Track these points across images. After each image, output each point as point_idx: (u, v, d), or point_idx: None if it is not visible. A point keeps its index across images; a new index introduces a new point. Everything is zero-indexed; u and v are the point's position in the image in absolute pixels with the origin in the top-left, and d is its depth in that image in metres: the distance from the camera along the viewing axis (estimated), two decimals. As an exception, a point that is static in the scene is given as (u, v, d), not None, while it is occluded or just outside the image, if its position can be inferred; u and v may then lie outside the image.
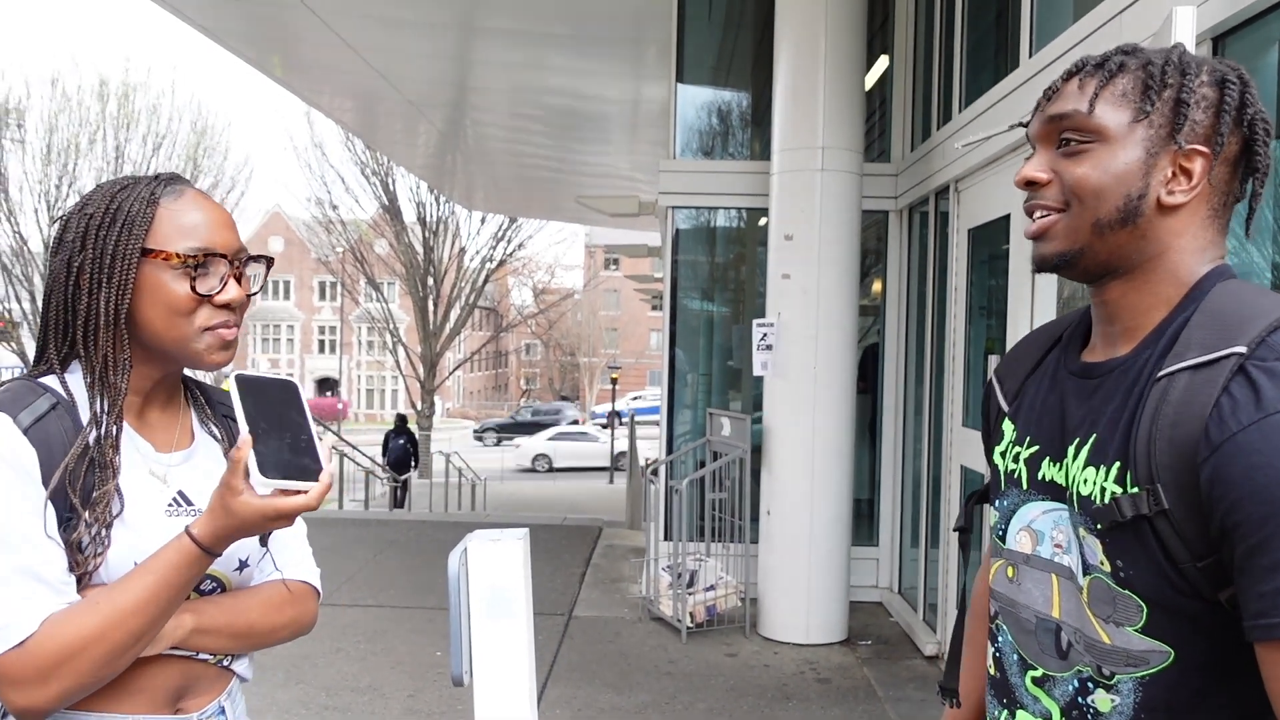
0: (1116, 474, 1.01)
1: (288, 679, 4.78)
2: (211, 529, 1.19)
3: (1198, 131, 1.04)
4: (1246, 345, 0.95)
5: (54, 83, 23.18)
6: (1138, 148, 1.05)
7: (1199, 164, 1.04)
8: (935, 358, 5.70)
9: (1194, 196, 1.05)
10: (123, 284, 1.25)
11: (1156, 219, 1.06)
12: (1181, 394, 0.97)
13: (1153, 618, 1.00)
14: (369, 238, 26.56)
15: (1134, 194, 1.05)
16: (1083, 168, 1.07)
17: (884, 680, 4.99)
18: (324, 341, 50.97)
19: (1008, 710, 1.18)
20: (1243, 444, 0.90)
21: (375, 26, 8.33)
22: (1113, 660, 1.03)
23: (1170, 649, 0.99)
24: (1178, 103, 1.04)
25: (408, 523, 9.68)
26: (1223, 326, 0.98)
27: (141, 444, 1.32)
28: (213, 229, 1.30)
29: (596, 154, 13.22)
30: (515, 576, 1.70)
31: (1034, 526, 1.14)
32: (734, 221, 7.31)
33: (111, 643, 1.16)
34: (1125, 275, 1.09)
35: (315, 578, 1.53)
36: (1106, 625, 1.03)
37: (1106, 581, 1.03)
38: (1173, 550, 0.97)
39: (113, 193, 1.29)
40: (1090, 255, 1.08)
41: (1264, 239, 2.87)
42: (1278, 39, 2.75)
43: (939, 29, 5.82)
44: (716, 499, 6.07)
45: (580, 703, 4.62)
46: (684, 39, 7.04)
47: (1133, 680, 1.02)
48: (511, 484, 23.28)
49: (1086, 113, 1.06)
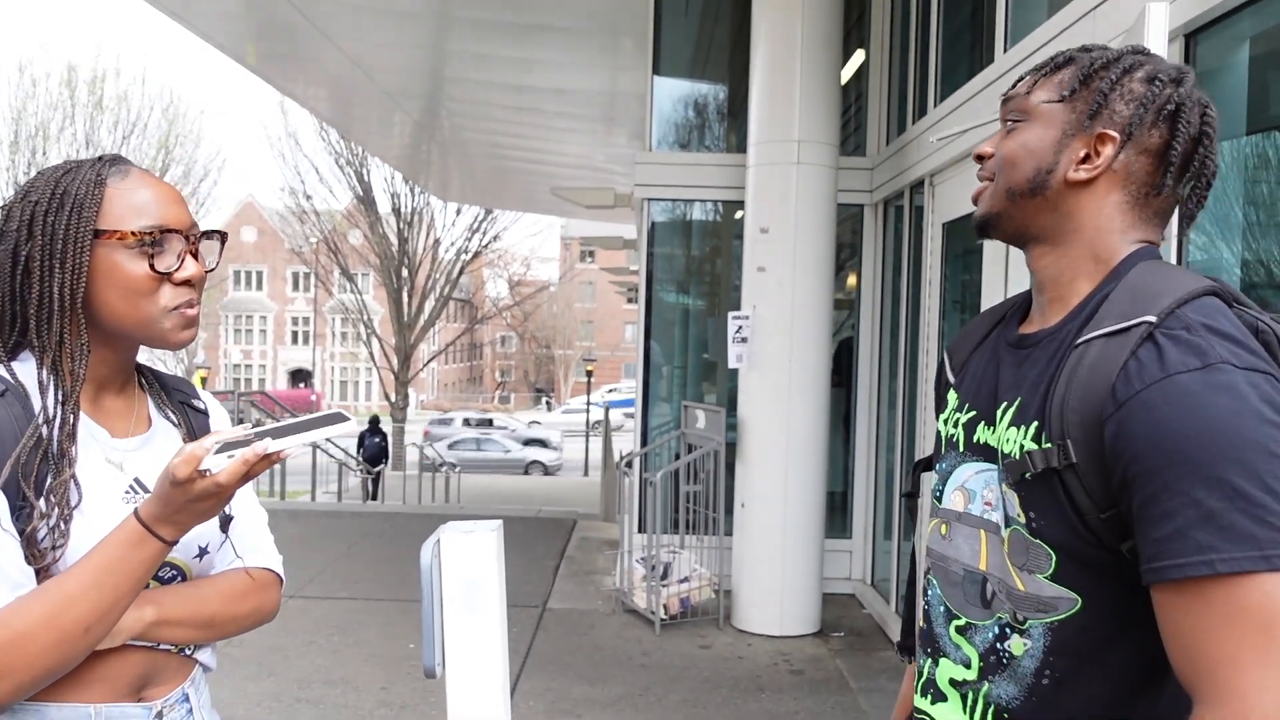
0: (1034, 433, 1.08)
1: (259, 672, 4.75)
2: (156, 508, 1.16)
3: (1115, 120, 1.12)
4: (1156, 315, 1.02)
5: (21, 69, 22.88)
6: (1055, 127, 1.15)
7: (1108, 147, 1.12)
8: (909, 351, 5.73)
9: (1098, 175, 1.13)
10: (76, 268, 1.22)
11: (1067, 193, 1.15)
12: (1094, 358, 1.04)
13: (1061, 566, 1.07)
14: (343, 228, 26.41)
15: (1044, 167, 1.15)
16: (1010, 141, 1.19)
17: (856, 671, 5.02)
18: (297, 333, 50.63)
19: (932, 659, 1.25)
20: (1144, 401, 0.97)
21: (351, 15, 8.26)
22: (1026, 606, 1.10)
23: (1078, 596, 1.06)
24: (1099, 91, 1.13)
25: (381, 515, 9.64)
26: (1137, 299, 1.06)
27: (97, 430, 1.30)
28: (164, 205, 1.28)
29: (573, 145, 13.18)
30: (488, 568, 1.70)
31: (967, 486, 1.21)
32: (710, 214, 7.31)
33: (60, 630, 1.13)
34: (1047, 243, 1.18)
35: (278, 564, 1.50)
36: (1022, 573, 1.10)
37: (1022, 532, 1.10)
38: (1079, 502, 1.04)
39: (56, 178, 1.26)
40: (1007, 219, 1.20)
41: (1234, 235, 2.90)
42: (1248, 36, 2.78)
43: (915, 24, 5.84)
44: (691, 491, 6.08)
45: (554, 695, 4.61)
46: (661, 31, 7.02)
47: (1043, 625, 1.09)
48: (486, 476, 23.23)
49: (1025, 94, 1.19)
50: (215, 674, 1.49)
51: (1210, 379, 0.95)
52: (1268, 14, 2.66)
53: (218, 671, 1.49)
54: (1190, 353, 0.98)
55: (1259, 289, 2.82)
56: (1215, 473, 0.92)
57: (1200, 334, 0.99)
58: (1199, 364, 0.96)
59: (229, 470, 1.13)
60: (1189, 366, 0.97)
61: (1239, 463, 0.92)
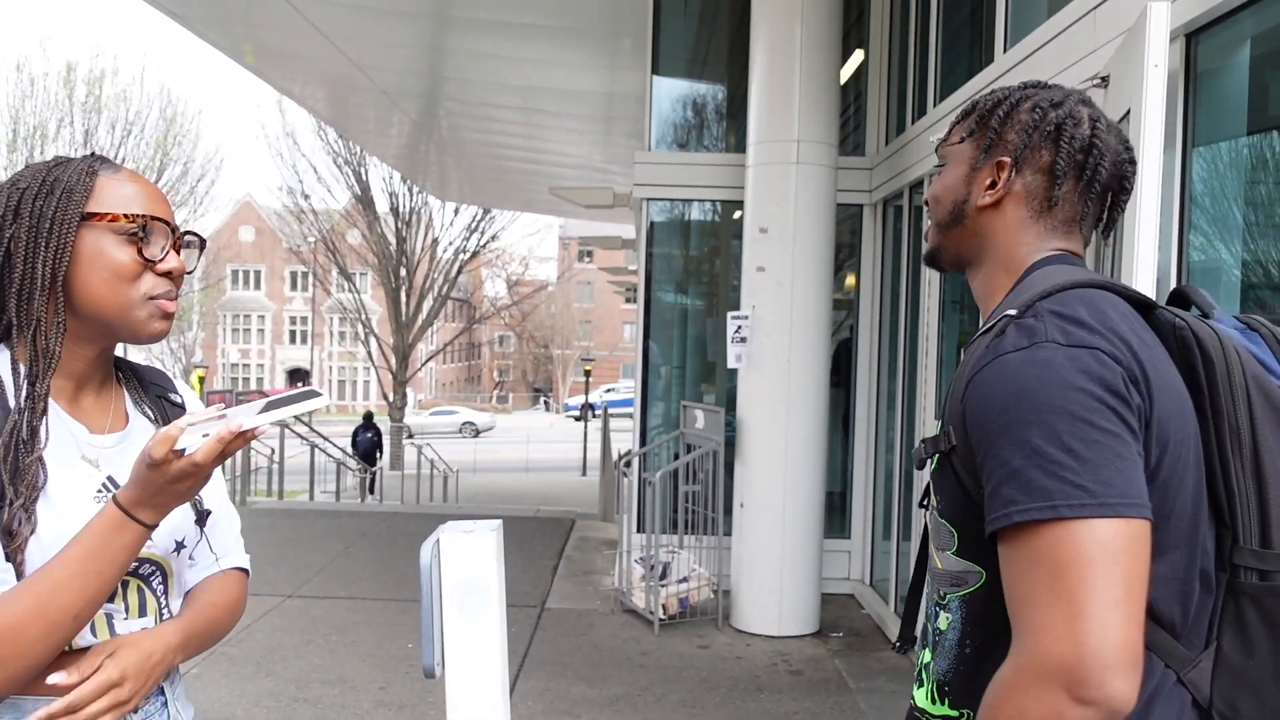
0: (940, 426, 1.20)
1: (257, 671, 4.74)
2: (134, 493, 1.17)
3: (1008, 148, 1.27)
4: (1018, 308, 1.13)
5: (19, 68, 22.84)
6: (964, 164, 1.31)
7: (1004, 172, 1.26)
8: (908, 351, 5.73)
9: (1000, 197, 1.27)
10: (60, 248, 1.23)
11: (979, 218, 1.29)
12: (969, 353, 1.16)
13: (962, 542, 1.17)
14: (341, 228, 26.38)
15: (959, 199, 1.31)
16: (936, 184, 1.36)
17: (855, 672, 5.01)
18: (295, 332, 50.60)
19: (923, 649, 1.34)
20: (978, 380, 1.10)
21: (349, 14, 8.25)
22: (943, 581, 1.22)
23: (981, 569, 1.15)
24: (991, 127, 1.28)
25: (379, 514, 9.63)
26: (1015, 298, 1.18)
27: (75, 427, 1.30)
28: (153, 201, 1.30)
29: (571, 145, 13.18)
30: (488, 568, 1.69)
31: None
32: (709, 214, 7.31)
33: (49, 619, 1.15)
34: (974, 265, 1.33)
35: (247, 564, 1.56)
36: (940, 553, 1.22)
37: (935, 513, 1.22)
38: (964, 481, 1.14)
39: (47, 167, 1.28)
40: (944, 251, 1.36)
41: (1233, 236, 2.90)
42: (1249, 36, 2.78)
43: (914, 24, 5.84)
44: (690, 491, 6.08)
45: (552, 695, 4.61)
46: (660, 31, 7.02)
47: (958, 599, 1.19)
48: (485, 475, 23.23)
49: (944, 141, 1.36)
50: (213, 674, 1.50)
51: (1030, 355, 1.06)
52: (1268, 14, 2.66)
53: (215, 671, 1.50)
54: (1023, 335, 1.08)
55: (1259, 289, 2.81)
56: (1019, 435, 1.03)
57: (1043, 318, 1.09)
58: (1026, 343, 1.07)
59: (205, 449, 1.14)
60: (1017, 346, 1.07)
61: (1040, 425, 1.02)
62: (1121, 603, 0.98)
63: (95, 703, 1.18)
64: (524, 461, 28.47)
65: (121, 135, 22.88)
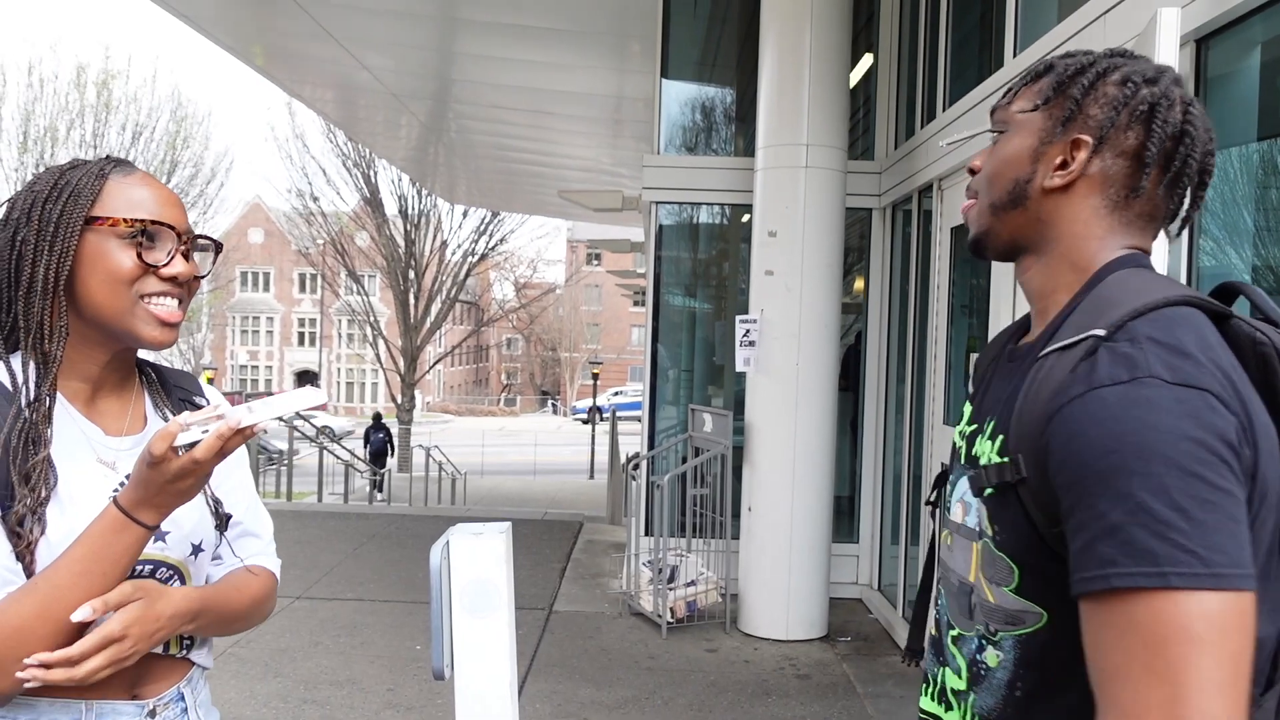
0: (1000, 446, 1.09)
1: (266, 672, 4.75)
2: (135, 493, 1.17)
3: (1089, 125, 1.11)
4: (1106, 328, 1.00)
5: (31, 69, 22.95)
6: (1031, 136, 1.15)
7: (1082, 152, 1.11)
8: (917, 356, 5.72)
9: (1073, 180, 1.12)
10: (64, 251, 1.24)
11: (1045, 202, 1.14)
12: (1044, 373, 1.03)
13: (1024, 579, 1.06)
14: (350, 230, 26.45)
15: (1021, 178, 1.15)
16: (990, 155, 1.20)
17: (863, 677, 5.01)
18: (304, 334, 50.70)
19: (940, 667, 1.25)
20: (1067, 415, 0.97)
21: (358, 17, 8.28)
22: (996, 618, 1.10)
23: (1043, 610, 1.05)
24: (1072, 97, 1.12)
25: (387, 516, 9.64)
26: (1096, 311, 1.05)
27: (90, 429, 1.30)
28: (161, 204, 1.30)
29: (580, 148, 13.20)
30: (497, 570, 1.70)
31: (965, 498, 1.21)
32: (717, 217, 7.31)
33: (54, 621, 1.15)
34: (1031, 254, 1.18)
35: (277, 568, 1.56)
36: (991, 585, 1.11)
37: (990, 545, 1.10)
38: (1033, 516, 1.03)
39: (61, 171, 1.30)
40: (994, 236, 1.20)
41: (1244, 240, 2.89)
42: (1260, 42, 2.77)
43: (924, 27, 5.84)
44: (698, 495, 6.07)
45: (560, 697, 4.61)
46: (669, 34, 7.03)
47: (1012, 638, 1.09)
48: (493, 478, 23.24)
49: (1005, 105, 1.19)
50: (222, 675, 1.50)
51: (1132, 393, 0.94)
52: (1279, 19, 2.66)
53: (224, 672, 1.50)
54: (1121, 365, 0.96)
55: (1273, 296, 2.80)
56: (1121, 487, 0.91)
57: (1141, 346, 0.97)
58: (1126, 377, 0.95)
59: (204, 445, 1.14)
60: (1115, 379, 0.95)
61: (1147, 477, 0.90)
62: (1227, 687, 0.87)
63: (95, 658, 1.17)
64: (532, 464, 28.48)
65: (132, 137, 22.98)
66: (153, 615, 1.23)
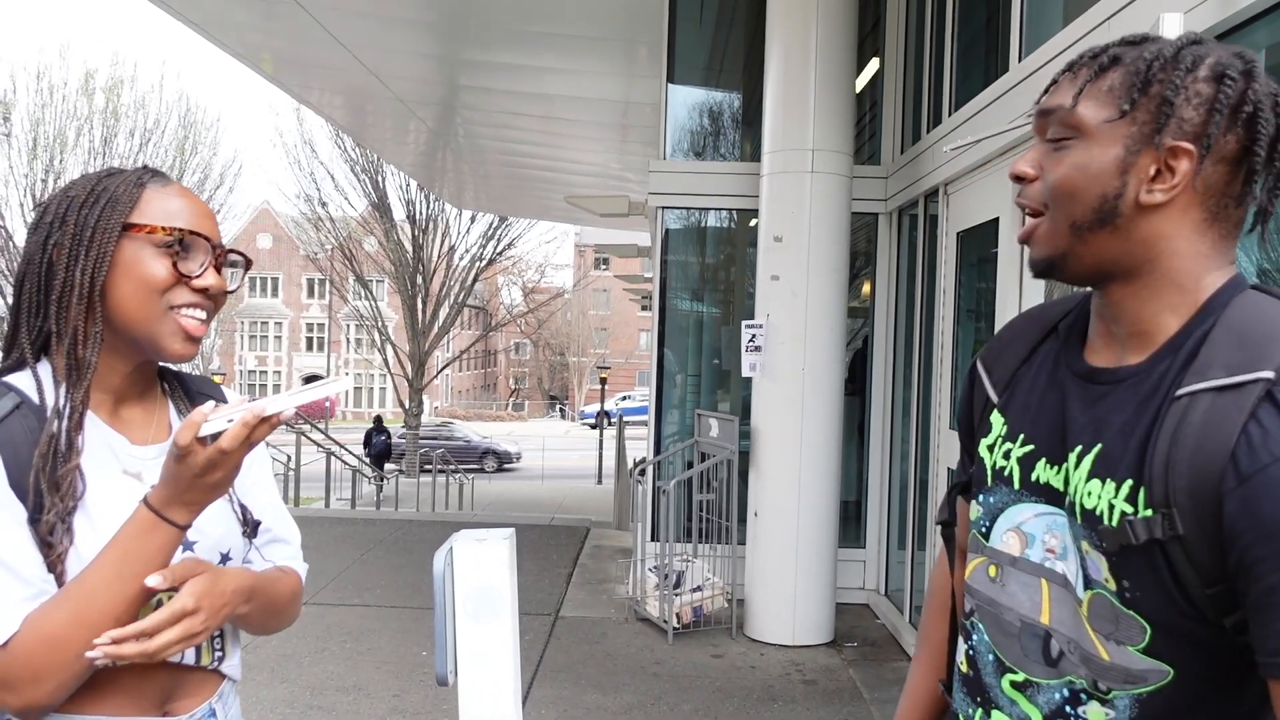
0: (1128, 492, 0.98)
1: (272, 678, 4.76)
2: (165, 491, 1.17)
3: (1186, 129, 0.99)
4: (1276, 370, 0.91)
5: (40, 76, 23.07)
6: (1117, 145, 1.01)
7: (1183, 162, 0.99)
8: (923, 360, 5.72)
9: (1176, 195, 1.00)
10: (100, 257, 1.24)
11: (1139, 219, 1.01)
12: (1204, 416, 0.93)
13: (1156, 639, 0.98)
14: (358, 235, 26.47)
15: (1110, 193, 1.01)
16: (1062, 166, 1.04)
17: (870, 682, 5.00)
18: (312, 339, 50.78)
19: (982, 709, 1.16)
20: (1275, 477, 0.87)
21: (366, 23, 8.31)
22: (1111, 676, 1.01)
23: (1170, 668, 0.98)
24: (1163, 99, 0.99)
25: (394, 522, 9.66)
26: (1248, 345, 0.94)
27: (115, 439, 1.30)
28: (197, 216, 1.30)
29: (587, 153, 13.21)
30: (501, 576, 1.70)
31: (1024, 529, 1.11)
32: (724, 222, 7.31)
33: (90, 626, 1.14)
34: (1122, 279, 1.05)
35: (304, 572, 1.55)
36: (1107, 643, 1.01)
37: (1111, 599, 1.00)
38: (1183, 575, 0.94)
39: (99, 177, 1.30)
40: (1075, 259, 1.05)
41: (1247, 247, 2.88)
42: (1265, 46, 2.77)
43: (930, 32, 5.84)
44: (704, 500, 6.07)
45: (566, 703, 4.61)
46: (675, 39, 7.04)
47: (1129, 697, 1.00)
48: (500, 484, 23.24)
49: (1070, 108, 1.03)
50: (228, 680, 1.49)
51: None
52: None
53: (230, 677, 1.50)
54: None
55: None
56: None
57: None
58: None
59: (230, 434, 1.13)
60: None
61: None
62: None
63: (168, 631, 1.16)
64: (539, 469, 28.48)
65: (140, 142, 23.05)
66: (219, 589, 1.22)
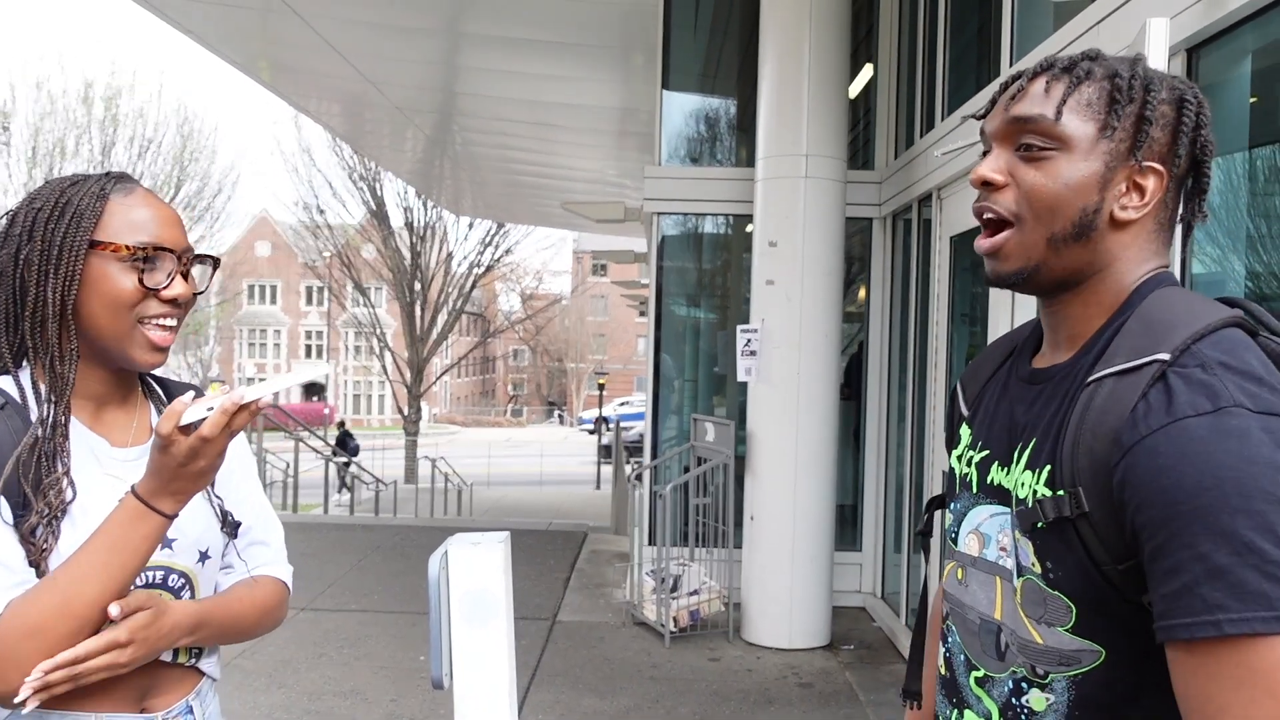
0: (1047, 477, 1.03)
1: (270, 684, 4.78)
2: (151, 482, 1.19)
3: (1154, 150, 1.04)
4: (1170, 352, 0.96)
5: (39, 85, 23.10)
6: (1098, 161, 1.04)
7: (1153, 181, 1.05)
8: (918, 364, 5.74)
9: (1146, 213, 1.06)
10: (69, 275, 1.26)
11: (1109, 234, 1.06)
12: (1104, 399, 0.98)
13: (1082, 618, 1.01)
14: (356, 243, 26.50)
15: (1089, 208, 1.05)
16: (1042, 177, 1.06)
17: (866, 685, 5.01)
18: (310, 347, 50.75)
19: (956, 710, 1.19)
20: (1149, 447, 0.92)
21: (363, 32, 8.33)
22: (1046, 660, 1.04)
23: (1101, 648, 1.01)
24: (1140, 119, 1.04)
25: (392, 527, 9.66)
26: (1151, 333, 0.99)
27: (96, 442, 1.33)
28: (161, 225, 1.32)
29: (584, 160, 13.24)
30: (495, 580, 1.71)
31: (982, 530, 1.15)
32: (719, 228, 7.34)
33: (75, 615, 1.17)
34: (1073, 288, 1.09)
35: (288, 576, 1.56)
36: (1039, 626, 1.04)
37: (1038, 582, 1.04)
38: (1095, 553, 0.98)
39: (62, 188, 1.31)
40: (1046, 271, 1.08)
41: (1236, 250, 2.91)
42: (1250, 51, 2.79)
43: (922, 39, 5.87)
44: (701, 504, 6.09)
45: (564, 707, 4.62)
46: (670, 46, 7.07)
47: (1066, 679, 1.03)
48: (499, 489, 23.23)
49: (1053, 119, 1.05)
50: (225, 686, 1.51)
51: (1220, 424, 0.89)
52: (1270, 28, 2.68)
53: (228, 684, 1.52)
54: (1201, 394, 0.91)
55: (1268, 304, 2.82)
56: (1224, 525, 0.86)
57: (1215, 372, 0.92)
58: (1210, 407, 0.90)
59: (210, 422, 1.16)
60: (1199, 410, 0.90)
61: (1250, 514, 0.85)
62: None
63: (94, 660, 1.18)
64: (538, 475, 28.46)
65: (139, 151, 23.07)
66: (156, 626, 1.25)
